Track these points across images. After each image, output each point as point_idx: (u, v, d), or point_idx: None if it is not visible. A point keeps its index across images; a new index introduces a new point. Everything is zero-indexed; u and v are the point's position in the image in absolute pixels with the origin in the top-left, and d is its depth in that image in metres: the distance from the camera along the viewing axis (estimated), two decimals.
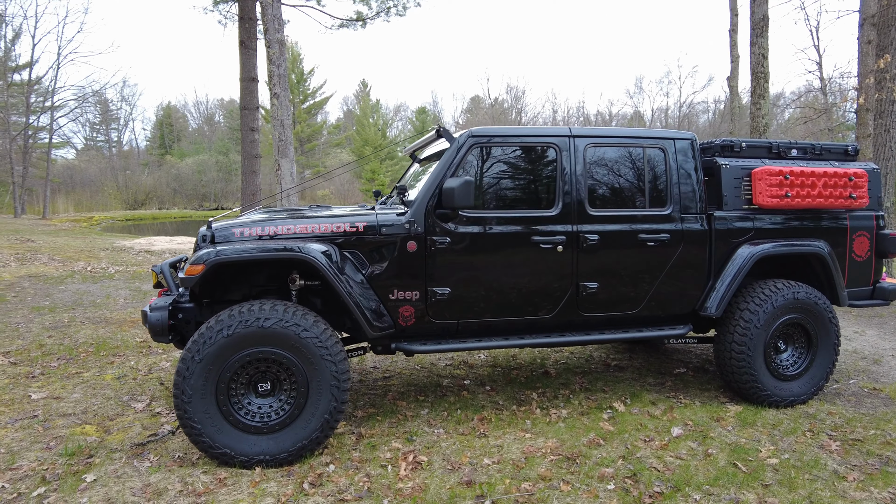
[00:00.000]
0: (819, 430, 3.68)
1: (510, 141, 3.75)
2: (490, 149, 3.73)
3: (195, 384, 3.04)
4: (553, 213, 3.72)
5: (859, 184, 4.25)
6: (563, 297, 3.76)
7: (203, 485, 2.97)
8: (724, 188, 4.08)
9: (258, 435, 3.16)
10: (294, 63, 45.45)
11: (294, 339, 3.13)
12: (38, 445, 3.38)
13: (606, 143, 3.89)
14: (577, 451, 3.35)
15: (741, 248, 4.04)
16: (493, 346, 3.70)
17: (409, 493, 2.89)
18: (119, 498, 2.83)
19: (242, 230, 3.43)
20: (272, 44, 8.08)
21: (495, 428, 3.69)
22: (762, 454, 3.32)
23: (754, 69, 8.16)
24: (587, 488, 2.94)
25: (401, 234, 3.51)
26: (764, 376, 3.99)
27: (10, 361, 4.91)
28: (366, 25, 11.87)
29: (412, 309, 3.55)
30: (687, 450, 3.38)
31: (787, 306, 3.99)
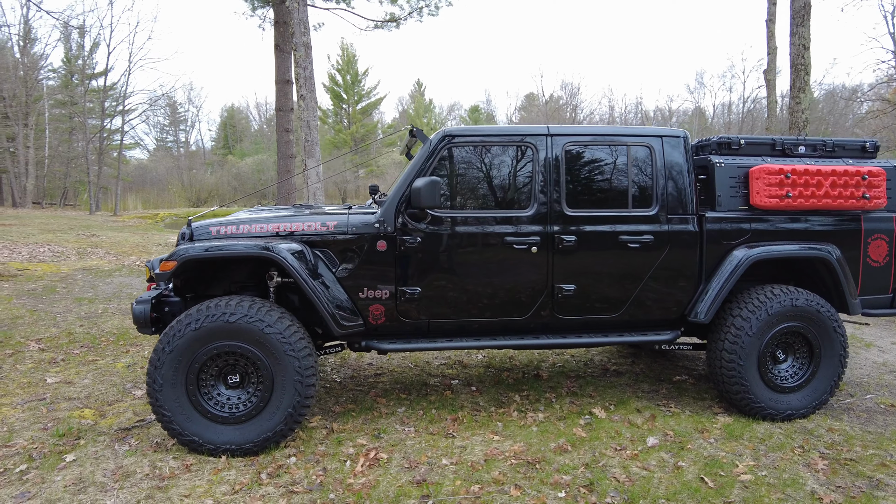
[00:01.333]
0: (812, 447, 3.44)
1: (485, 140, 3.72)
2: (464, 148, 3.71)
3: (166, 374, 3.20)
4: (528, 214, 3.66)
5: (875, 183, 3.93)
6: (537, 299, 3.70)
7: (170, 470, 3.13)
8: (718, 188, 3.88)
9: (225, 425, 3.29)
10: (349, 64, 46.50)
11: (258, 335, 3.24)
12: (37, 426, 3.65)
13: (587, 142, 3.78)
14: (541, 457, 3.29)
15: (735, 251, 3.83)
16: (462, 347, 3.69)
17: (358, 489, 2.94)
18: (90, 478, 3.02)
19: (219, 228, 3.57)
20: (298, 47, 8.32)
21: (466, 429, 3.68)
22: (737, 469, 3.15)
23: (794, 61, 7.65)
24: (537, 494, 2.88)
25: (370, 233, 3.55)
26: (757, 387, 3.77)
27: (40, 347, 5.32)
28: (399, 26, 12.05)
29: (382, 308, 3.59)
30: (657, 461, 3.25)
31: (785, 314, 3.75)
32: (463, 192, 3.75)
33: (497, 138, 3.73)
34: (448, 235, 3.59)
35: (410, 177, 3.58)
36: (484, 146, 3.73)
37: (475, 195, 3.76)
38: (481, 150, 3.74)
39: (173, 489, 2.93)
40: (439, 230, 3.59)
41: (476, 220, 3.63)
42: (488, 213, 3.67)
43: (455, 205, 3.70)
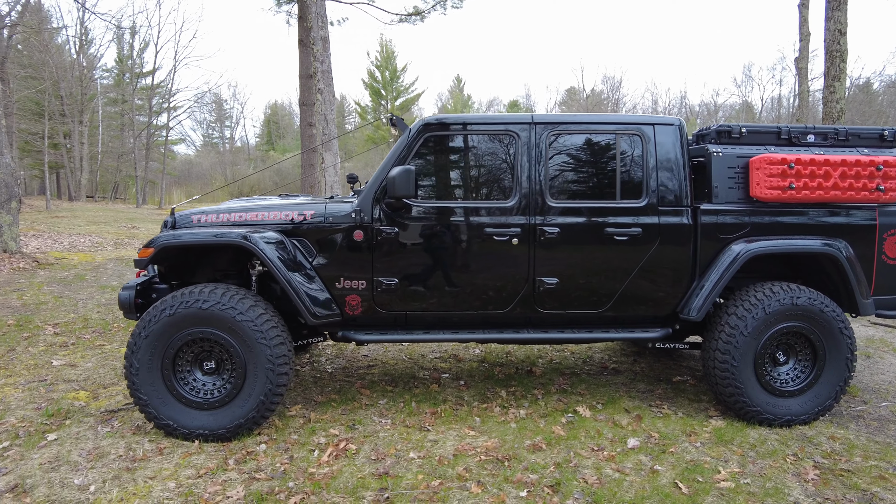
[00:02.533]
0: (807, 455, 3.22)
1: (466, 129, 3.63)
2: (445, 137, 3.64)
3: (142, 358, 3.26)
4: (509, 204, 3.56)
5: (892, 174, 3.64)
6: (518, 293, 3.59)
7: (143, 452, 3.19)
8: (715, 178, 3.67)
9: (200, 410, 3.34)
10: (387, 60, 46.82)
11: (230, 322, 3.26)
12: (31, 405, 3.80)
13: (573, 131, 3.65)
14: (513, 454, 3.19)
15: (733, 245, 3.62)
16: (439, 339, 3.62)
17: (319, 478, 2.92)
18: (65, 457, 3.12)
19: (200, 217, 3.62)
20: (315, 41, 8.39)
21: (443, 423, 3.61)
22: (719, 475, 2.97)
23: (829, 47, 7.18)
24: (498, 493, 2.80)
25: (347, 223, 3.53)
26: (753, 390, 3.56)
27: (55, 332, 5.55)
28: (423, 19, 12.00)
29: (359, 298, 3.56)
30: (634, 463, 3.11)
31: (784, 313, 3.52)
32: (443, 181, 3.68)
33: (479, 127, 3.63)
34: (425, 226, 3.53)
35: (388, 166, 3.53)
36: (465, 135, 3.65)
37: (455, 185, 3.69)
38: (462, 140, 3.66)
39: (141, 471, 2.99)
40: (416, 220, 3.53)
41: (454, 210, 3.56)
42: (467, 204, 3.58)
43: (434, 195, 3.63)
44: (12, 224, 9.33)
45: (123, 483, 2.87)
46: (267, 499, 2.74)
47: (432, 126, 3.58)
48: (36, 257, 9.68)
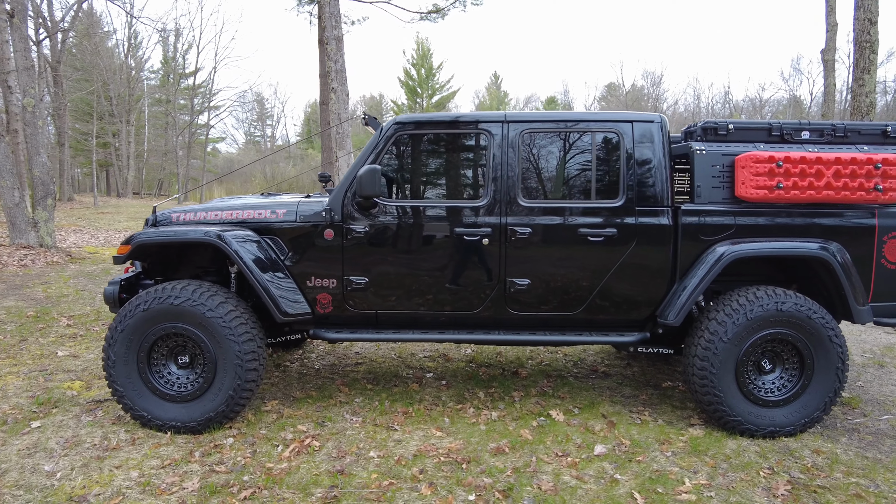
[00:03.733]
0: (784, 469, 3.06)
1: (438, 128, 3.60)
2: (417, 136, 3.62)
3: (118, 351, 3.38)
4: (480, 204, 3.51)
5: (892, 173, 3.42)
6: (489, 294, 3.54)
7: (117, 441, 3.31)
8: (698, 177, 3.53)
9: (173, 402, 3.43)
10: (423, 59, 46.98)
11: (200, 318, 3.34)
12: (27, 394, 3.99)
13: (547, 129, 3.56)
14: (474, 456, 3.16)
15: (715, 247, 3.47)
16: (408, 339, 3.61)
17: (275, 473, 2.96)
18: (43, 444, 3.26)
19: (179, 215, 3.72)
20: (329, 41, 8.49)
21: (413, 422, 3.61)
22: (682, 487, 2.86)
23: (858, 38, 6.77)
24: (447, 494, 2.77)
25: (318, 221, 3.55)
26: (734, 399, 3.41)
27: (67, 324, 5.82)
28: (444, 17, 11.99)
29: (330, 297, 3.59)
30: (596, 471, 3.02)
31: (768, 319, 3.35)
32: (413, 181, 3.66)
33: (450, 126, 3.60)
34: (395, 225, 3.52)
35: (359, 165, 3.54)
36: (437, 134, 3.62)
37: (426, 184, 3.67)
38: (435, 139, 3.63)
39: (109, 459, 3.10)
40: (386, 220, 3.52)
41: (424, 209, 3.53)
42: (437, 203, 3.56)
43: (404, 194, 3.62)
44: (48, 220, 9.83)
45: (90, 471, 2.98)
46: (220, 491, 2.79)
47: (403, 125, 3.57)
48: (70, 252, 10.17)
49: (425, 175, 3.70)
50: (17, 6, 9.09)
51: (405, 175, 3.67)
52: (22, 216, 9.49)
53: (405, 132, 3.58)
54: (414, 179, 3.67)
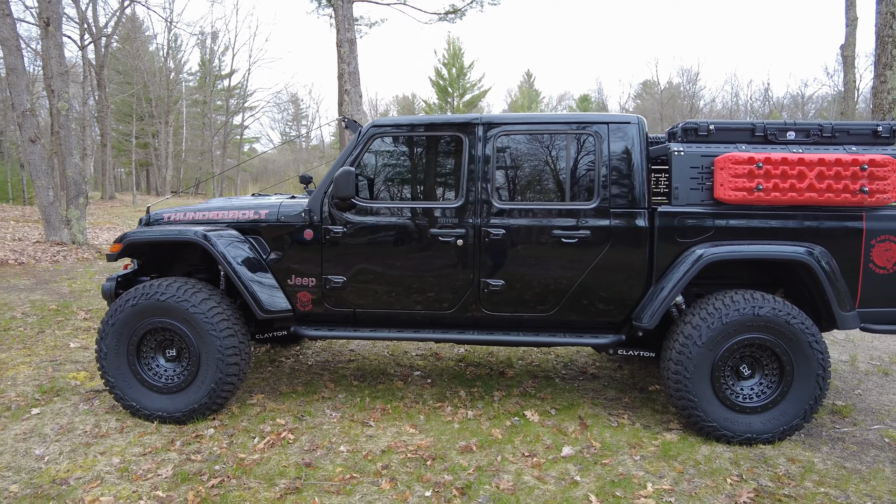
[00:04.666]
0: (753, 477, 3.01)
1: (414, 130, 3.67)
2: (393, 138, 3.69)
3: (109, 344, 3.57)
4: (454, 206, 3.56)
5: (879, 174, 3.31)
6: (463, 294, 3.59)
7: (107, 429, 3.49)
8: (675, 179, 3.48)
9: (160, 394, 3.60)
10: (454, 58, 47.05)
11: (185, 313, 3.49)
12: (34, 382, 4.24)
13: (522, 131, 3.58)
14: (441, 454, 3.21)
15: (690, 250, 3.43)
16: (384, 338, 3.68)
17: (246, 464, 3.08)
18: (38, 430, 3.47)
19: (170, 215, 3.89)
20: (342, 43, 8.65)
21: (389, 419, 3.68)
22: (643, 491, 2.85)
23: (880, 32, 6.48)
24: (405, 490, 2.84)
25: (298, 222, 3.66)
26: (709, 404, 3.36)
27: (84, 317, 6.12)
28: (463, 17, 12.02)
29: (310, 295, 3.70)
30: (559, 472, 3.04)
31: (744, 323, 3.29)
32: (390, 182, 3.73)
33: (426, 128, 3.66)
34: (372, 226, 3.60)
35: (336, 167, 3.63)
36: (413, 137, 3.68)
37: (402, 186, 3.73)
38: (411, 141, 3.70)
39: (96, 446, 3.28)
40: (363, 221, 3.61)
41: (400, 210, 3.60)
42: (413, 205, 3.62)
43: (380, 195, 3.70)
44: (80, 218, 10.32)
45: (76, 456, 3.16)
46: (191, 479, 2.93)
47: (380, 128, 3.65)
48: (101, 248, 10.64)
49: (402, 177, 3.77)
50: (52, 15, 9.56)
51: (383, 177, 3.74)
52: (56, 214, 9.99)
53: (382, 135, 3.66)
54: (391, 181, 3.75)
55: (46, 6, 9.57)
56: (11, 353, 4.87)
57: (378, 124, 3.66)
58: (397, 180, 3.76)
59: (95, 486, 2.86)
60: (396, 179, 3.76)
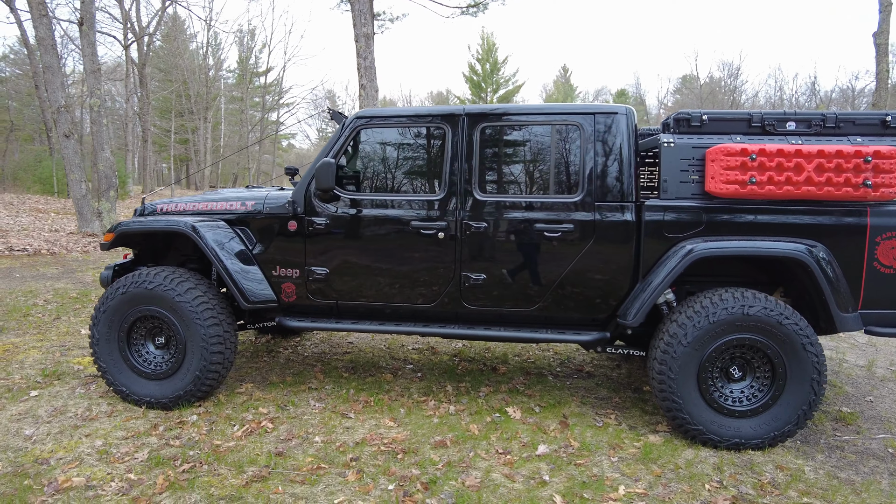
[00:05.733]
0: (735, 483, 2.87)
1: (397, 121, 3.63)
2: (377, 130, 3.67)
3: (101, 330, 3.67)
4: (436, 198, 3.51)
5: (885, 167, 3.11)
6: (445, 288, 3.54)
7: (97, 413, 3.60)
8: (664, 171, 3.35)
9: (148, 380, 3.68)
10: (488, 53, 46.78)
11: (171, 302, 3.56)
12: (40, 365, 4.41)
13: (506, 122, 3.51)
14: (414, 448, 3.19)
15: (679, 246, 3.29)
16: (365, 330, 3.67)
17: (221, 451, 3.12)
18: (33, 411, 3.60)
19: (162, 206, 3.98)
20: (359, 38, 8.68)
21: (370, 411, 3.68)
22: (613, 494, 2.76)
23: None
24: (369, 482, 2.82)
25: (282, 213, 3.69)
26: (695, 407, 3.22)
27: None
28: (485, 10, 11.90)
29: (293, 286, 3.72)
30: (530, 471, 2.97)
31: (733, 323, 3.14)
32: (374, 174, 3.71)
33: (409, 120, 3.62)
34: (354, 218, 3.59)
35: (319, 159, 3.63)
36: (397, 128, 3.65)
37: (386, 178, 3.71)
38: (394, 132, 3.67)
39: (83, 428, 3.38)
40: (346, 212, 3.60)
41: (383, 203, 3.58)
42: (395, 197, 3.59)
43: (364, 187, 3.69)
44: (111, 210, 10.70)
45: (62, 438, 3.27)
46: (164, 463, 2.99)
47: (364, 119, 3.63)
48: None
49: (385, 169, 3.74)
50: (86, 15, 9.93)
51: (366, 169, 3.73)
52: (88, 207, 10.39)
53: (366, 126, 3.64)
54: (374, 173, 3.73)
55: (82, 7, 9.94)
56: (25, 338, 5.09)
57: (362, 115, 3.64)
58: (381, 172, 3.74)
59: (74, 467, 2.95)
60: (380, 171, 3.74)
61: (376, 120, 3.64)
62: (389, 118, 3.64)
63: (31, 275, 7.76)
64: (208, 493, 2.72)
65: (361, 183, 3.72)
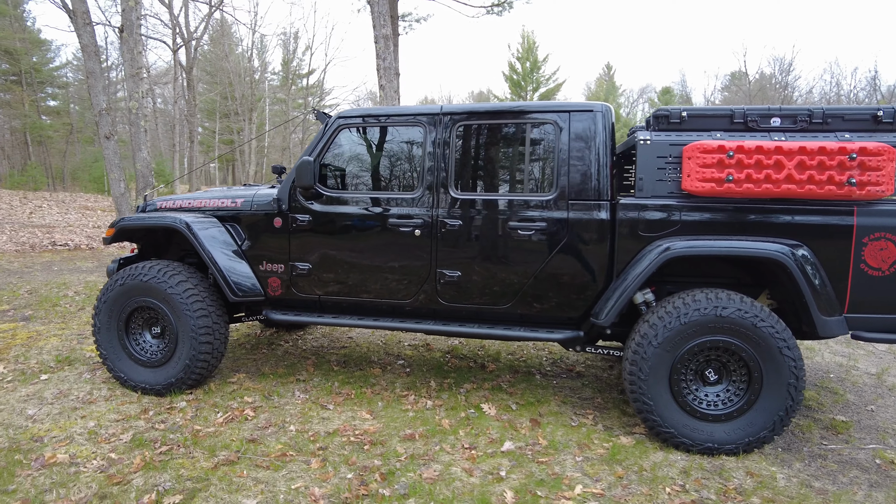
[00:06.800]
0: (697, 488, 2.81)
1: (378, 120, 3.70)
2: (358, 129, 3.75)
3: (102, 319, 3.90)
4: (413, 196, 3.57)
5: (871, 164, 2.98)
6: (421, 284, 3.60)
7: (97, 397, 3.83)
8: (640, 169, 3.30)
9: (144, 367, 3.89)
10: (529, 52, 46.39)
11: (164, 294, 3.75)
12: (56, 352, 4.71)
13: (482, 121, 3.53)
14: (383, 440, 3.26)
15: (654, 244, 3.23)
16: (345, 324, 3.76)
17: (200, 436, 3.27)
18: (39, 393, 3.87)
19: (162, 203, 4.18)
20: (378, 39, 8.82)
21: (350, 404, 3.77)
22: (567, 493, 2.75)
23: None
24: (330, 470, 2.91)
25: (268, 210, 3.82)
26: (667, 409, 3.16)
27: None
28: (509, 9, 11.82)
29: (279, 280, 3.85)
30: (490, 466, 2.99)
31: (706, 325, 3.07)
32: (354, 172, 3.80)
33: (388, 119, 3.68)
34: (335, 215, 3.69)
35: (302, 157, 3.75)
36: (377, 127, 3.72)
37: (366, 176, 3.79)
38: (374, 132, 3.74)
39: (81, 411, 3.61)
40: (327, 209, 3.70)
41: (362, 200, 3.66)
42: (374, 195, 3.67)
43: (344, 185, 3.78)
44: None
45: (60, 418, 3.50)
46: (144, 444, 3.16)
47: (346, 118, 3.72)
48: None
49: (367, 167, 3.82)
50: (125, 23, 10.46)
51: (348, 167, 3.82)
52: (126, 204, 10.93)
53: (348, 125, 3.73)
54: (356, 171, 3.81)
55: (123, 16, 10.47)
56: (49, 326, 5.44)
57: (344, 115, 3.74)
58: (362, 170, 3.83)
59: (63, 445, 3.16)
60: (361, 169, 3.83)
61: (357, 120, 3.72)
62: (370, 118, 3.72)
63: (68, 268, 8.26)
64: (178, 474, 2.86)
65: (344, 181, 3.81)
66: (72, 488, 2.72)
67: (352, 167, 3.82)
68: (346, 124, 3.73)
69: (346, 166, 3.81)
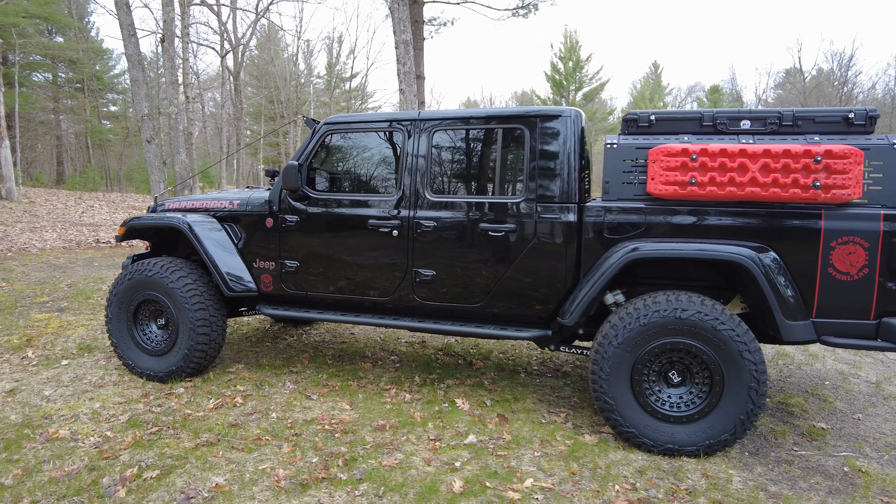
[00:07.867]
0: (648, 487, 2.86)
1: (360, 126, 3.89)
2: (343, 134, 3.95)
3: (113, 310, 4.25)
4: (391, 198, 3.74)
5: (836, 167, 2.95)
6: (399, 282, 3.76)
7: (107, 381, 4.17)
8: (606, 172, 3.36)
9: (149, 355, 4.21)
10: (571, 51, 45.89)
11: (166, 288, 4.06)
12: (80, 341, 5.13)
13: (456, 126, 3.66)
14: (355, 429, 3.43)
15: (619, 246, 3.29)
16: (328, 320, 3.95)
17: (189, 419, 3.54)
18: (58, 377, 4.24)
19: (171, 204, 4.51)
20: (398, 44, 9.05)
21: (333, 395, 3.97)
22: (515, 486, 2.85)
23: None
24: (297, 454, 3.11)
25: (262, 211, 4.07)
26: (628, 409, 3.21)
27: None
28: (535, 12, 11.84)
29: (270, 277, 4.09)
30: (450, 458, 3.12)
31: (666, 326, 3.10)
32: (339, 175, 3.99)
33: (369, 125, 3.87)
34: (319, 216, 3.90)
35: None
36: (360, 133, 3.91)
37: (349, 179, 3.98)
38: (357, 137, 3.93)
39: (91, 393, 3.95)
40: (313, 211, 3.92)
41: (345, 202, 3.86)
42: (356, 196, 3.86)
43: (329, 188, 3.98)
44: None
45: (70, 400, 3.85)
46: (138, 425, 3.45)
47: (331, 125, 3.93)
48: None
49: (351, 170, 4.01)
50: (166, 33, 11.10)
51: (334, 170, 4.02)
52: None
53: (333, 131, 3.94)
54: (341, 174, 4.01)
55: (164, 27, 11.12)
56: (79, 317, 5.90)
57: (330, 122, 3.95)
58: (346, 173, 4.02)
59: (68, 423, 3.48)
60: (346, 173, 4.02)
61: (342, 125, 3.92)
62: (353, 123, 3.91)
63: (106, 264, 8.85)
64: (161, 452, 3.12)
65: (330, 184, 4.02)
66: (66, 460, 3.02)
67: (337, 170, 4.02)
68: (331, 130, 3.94)
69: (331, 170, 4.02)
